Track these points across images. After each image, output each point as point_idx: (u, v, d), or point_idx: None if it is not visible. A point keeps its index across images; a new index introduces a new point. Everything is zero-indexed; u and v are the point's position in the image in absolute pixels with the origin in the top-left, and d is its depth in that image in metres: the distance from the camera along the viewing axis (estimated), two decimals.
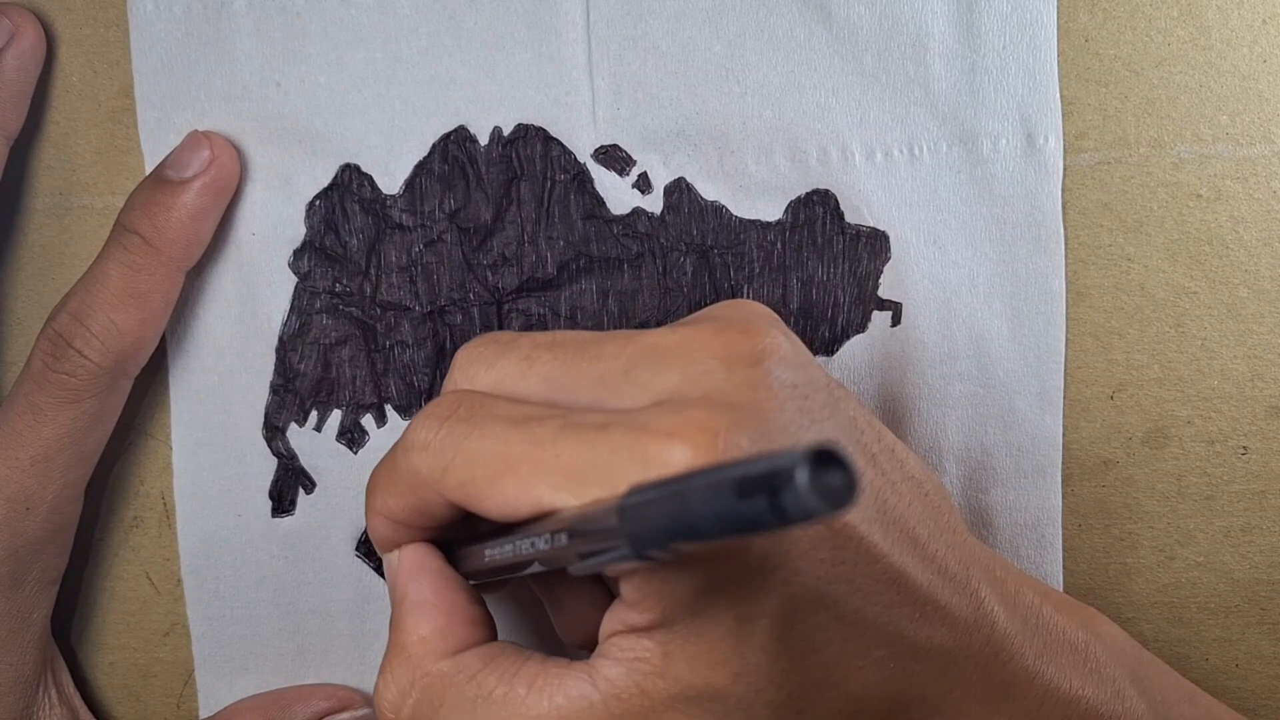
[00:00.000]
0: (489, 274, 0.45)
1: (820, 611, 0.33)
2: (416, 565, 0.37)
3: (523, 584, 0.43)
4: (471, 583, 0.38)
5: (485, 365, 0.37)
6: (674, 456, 0.31)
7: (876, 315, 0.45)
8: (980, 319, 0.45)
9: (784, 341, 0.35)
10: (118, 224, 0.43)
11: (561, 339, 0.37)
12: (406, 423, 0.46)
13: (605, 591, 0.41)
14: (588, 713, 0.33)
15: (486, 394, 0.36)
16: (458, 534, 0.38)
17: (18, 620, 0.44)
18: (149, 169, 0.45)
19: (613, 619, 0.34)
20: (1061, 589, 0.47)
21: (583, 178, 0.45)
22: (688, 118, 0.45)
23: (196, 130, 0.45)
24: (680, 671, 0.32)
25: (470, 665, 0.35)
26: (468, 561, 0.37)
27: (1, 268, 0.47)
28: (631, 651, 0.33)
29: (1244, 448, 0.46)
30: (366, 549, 0.47)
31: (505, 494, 0.33)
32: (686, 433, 0.31)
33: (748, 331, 0.35)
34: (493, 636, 0.37)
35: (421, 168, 0.45)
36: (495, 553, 0.35)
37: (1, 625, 0.44)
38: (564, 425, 0.33)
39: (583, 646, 0.42)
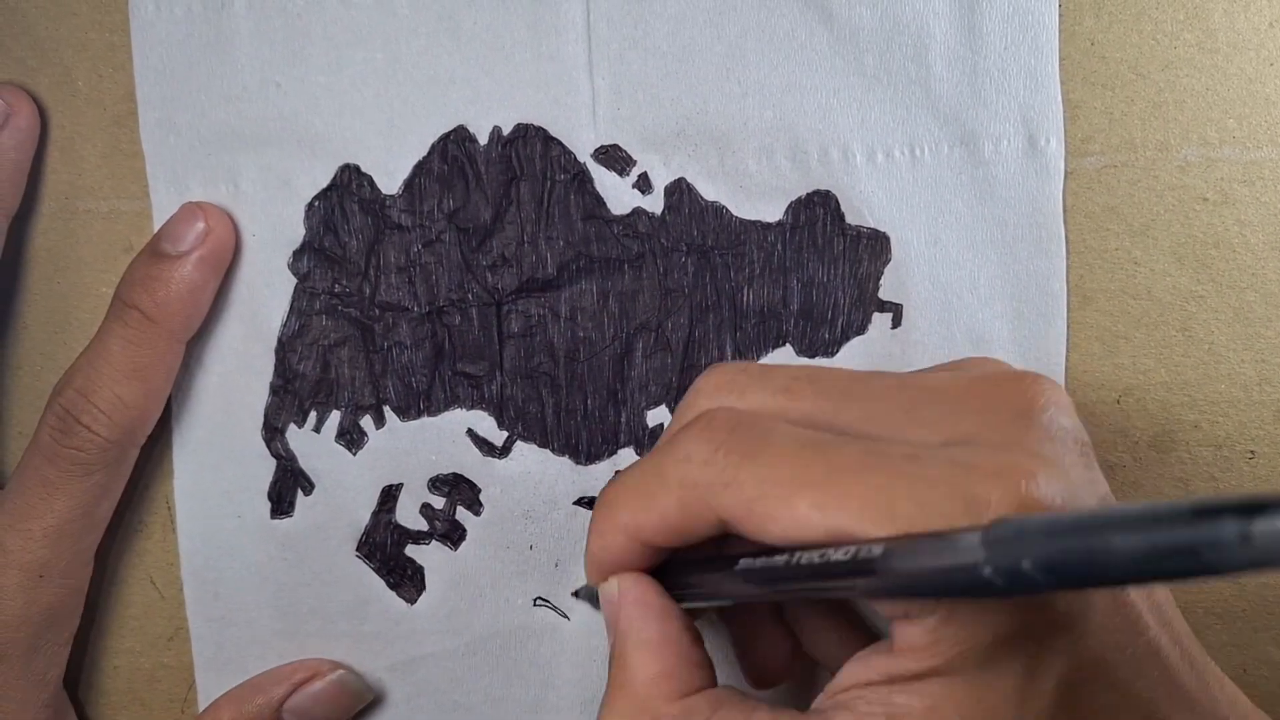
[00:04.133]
0: (488, 275, 0.45)
1: (1099, 679, 0.32)
2: (640, 599, 0.36)
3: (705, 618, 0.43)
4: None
5: (737, 393, 0.36)
6: (995, 496, 0.30)
7: (877, 317, 0.45)
8: (981, 321, 0.45)
9: (1059, 390, 0.34)
10: (116, 298, 0.44)
11: (822, 373, 0.36)
12: (405, 424, 0.46)
13: (790, 634, 0.41)
14: None
15: (768, 414, 0.35)
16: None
17: (34, 683, 0.45)
18: (150, 169, 0.46)
19: (865, 667, 0.32)
20: None
21: (583, 178, 0.45)
22: (688, 118, 0.44)
23: (190, 202, 0.45)
24: None
25: (699, 711, 0.34)
26: (696, 585, 0.37)
27: (7, 271, 0.47)
28: (885, 705, 0.31)
29: (1251, 452, 0.46)
30: (367, 550, 0.47)
31: (796, 516, 0.31)
32: (1009, 475, 0.30)
33: (1035, 380, 0.34)
34: (714, 680, 0.36)
35: (421, 168, 0.45)
36: (757, 572, 0.33)
37: (18, 689, 0.45)
38: (867, 452, 0.32)
39: (765, 685, 0.42)
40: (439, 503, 0.46)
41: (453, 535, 0.47)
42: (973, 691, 0.31)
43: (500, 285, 0.45)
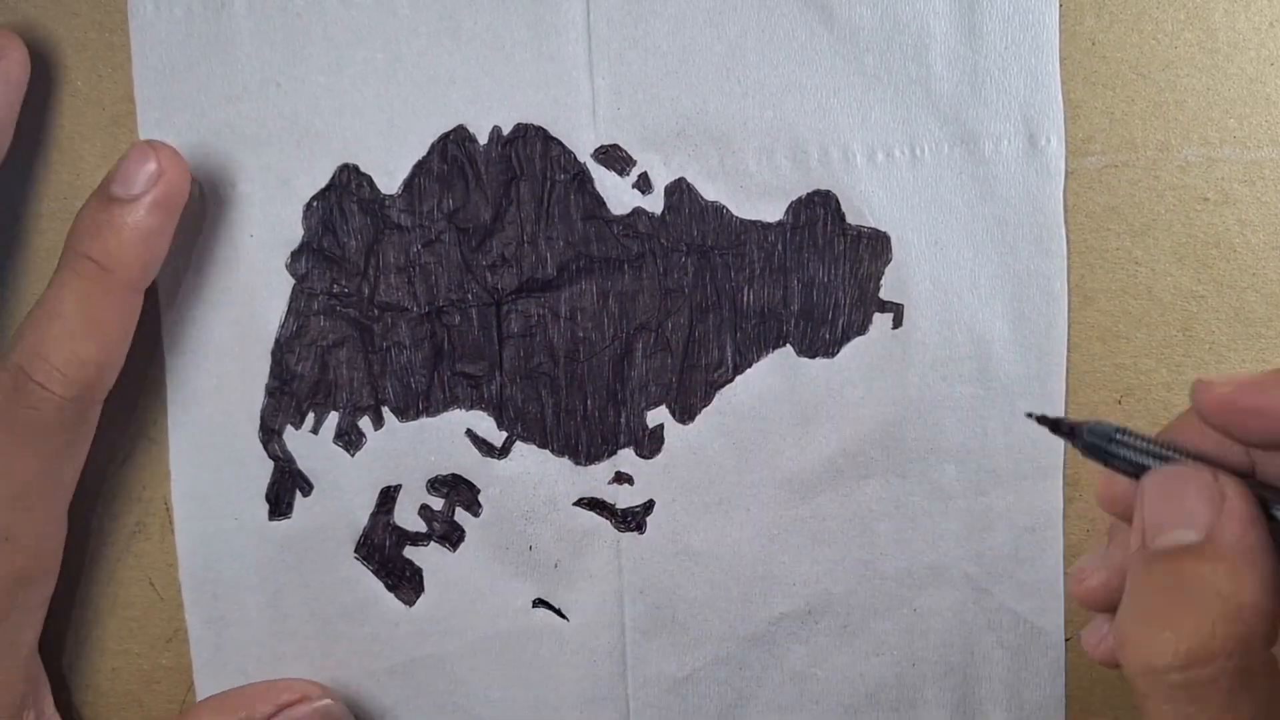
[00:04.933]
0: (488, 274, 0.45)
1: None
2: (1256, 524, 0.31)
3: None
4: None
5: None
6: None
7: (878, 317, 0.45)
8: (982, 320, 0.45)
9: None
10: (68, 248, 0.42)
11: None
12: (404, 424, 0.46)
13: None
14: None
15: None
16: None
17: (4, 649, 0.43)
18: None
19: None
20: (1062, 592, 0.46)
21: (583, 178, 0.45)
22: (688, 118, 0.44)
23: (141, 141, 0.43)
24: None
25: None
26: None
27: (6, 271, 0.47)
28: None
29: None
30: (365, 551, 0.47)
31: None
32: None
33: None
34: None
35: (420, 167, 0.45)
36: None
37: None
38: None
39: None
40: (437, 504, 0.46)
41: (451, 536, 0.47)
42: None
43: (500, 285, 0.45)
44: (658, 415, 0.46)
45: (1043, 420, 0.36)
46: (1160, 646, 0.30)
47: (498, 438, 0.46)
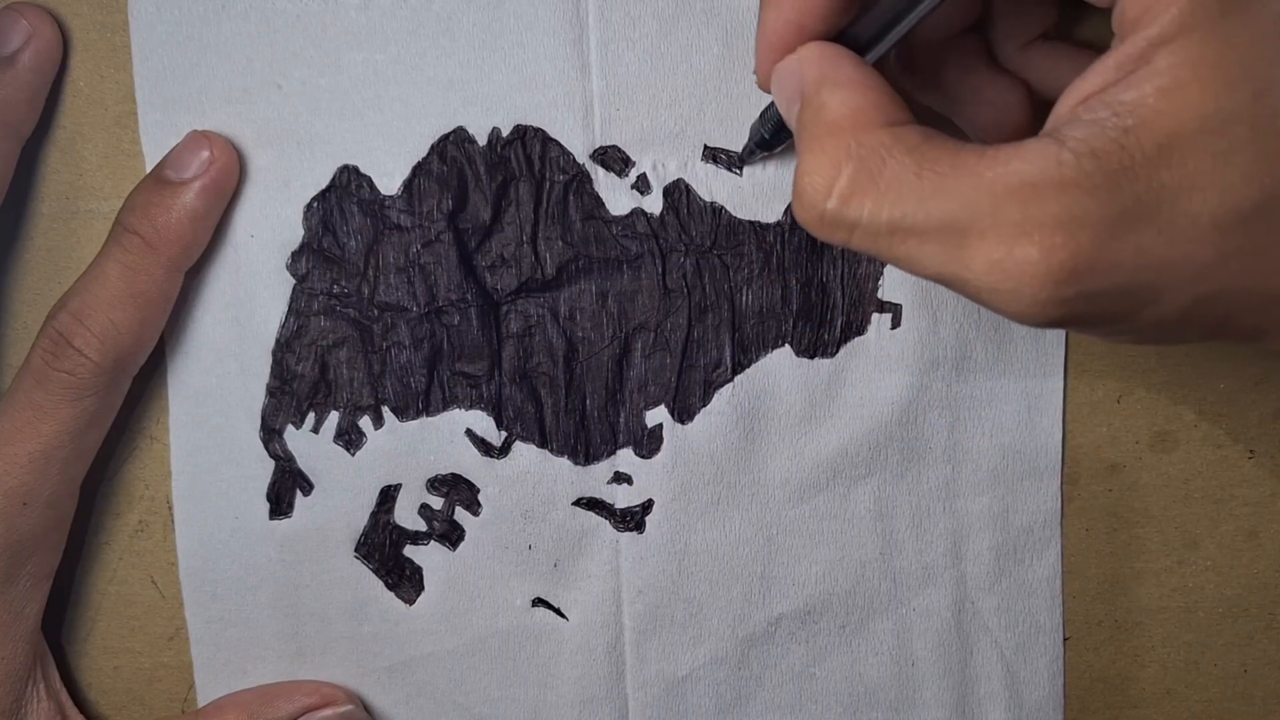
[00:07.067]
0: (487, 275, 0.45)
1: None
2: (827, 53, 0.36)
3: None
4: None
5: None
6: None
7: (876, 317, 0.45)
8: (981, 320, 0.45)
9: None
10: (117, 223, 0.44)
11: None
12: (404, 424, 0.46)
13: (1018, 82, 0.41)
14: (1057, 173, 0.30)
15: None
16: None
17: (10, 615, 0.44)
18: (150, 170, 0.45)
19: (1085, 81, 0.31)
20: (1060, 591, 0.46)
21: (581, 178, 0.45)
22: (687, 118, 0.44)
23: (196, 130, 0.45)
24: (1183, 102, 0.29)
25: (909, 137, 0.33)
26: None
27: (8, 271, 0.47)
28: (1110, 109, 0.30)
29: (1251, 451, 0.46)
30: (365, 550, 0.47)
31: None
32: None
33: None
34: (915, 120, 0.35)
35: (420, 169, 0.45)
36: None
37: None
38: None
39: None
40: (437, 503, 0.46)
41: (451, 535, 0.47)
42: (1212, 48, 0.29)
43: (499, 285, 0.45)
44: (656, 415, 0.46)
45: (746, 159, 0.45)
46: (812, 194, 0.34)
47: (497, 437, 0.46)
